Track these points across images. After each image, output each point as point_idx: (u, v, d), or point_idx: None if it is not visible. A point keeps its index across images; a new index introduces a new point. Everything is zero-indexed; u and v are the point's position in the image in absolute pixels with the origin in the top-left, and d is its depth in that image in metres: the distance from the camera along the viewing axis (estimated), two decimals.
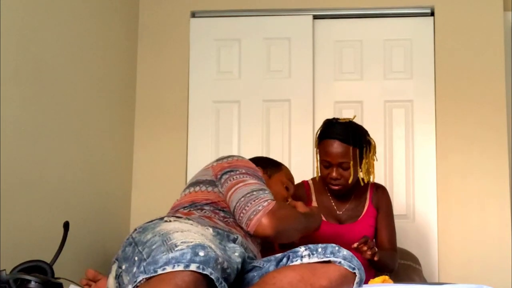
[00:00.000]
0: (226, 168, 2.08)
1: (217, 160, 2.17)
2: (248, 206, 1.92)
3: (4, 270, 1.64)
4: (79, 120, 2.76)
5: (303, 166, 3.35)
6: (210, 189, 2.06)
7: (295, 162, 3.37)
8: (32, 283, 1.61)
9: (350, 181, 2.45)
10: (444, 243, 3.28)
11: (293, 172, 3.33)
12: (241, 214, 1.93)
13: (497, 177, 3.29)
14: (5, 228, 2.10)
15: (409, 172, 3.39)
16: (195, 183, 2.11)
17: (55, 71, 2.54)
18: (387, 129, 3.44)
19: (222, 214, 2.01)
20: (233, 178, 2.03)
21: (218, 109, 3.51)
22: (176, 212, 2.01)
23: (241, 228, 1.98)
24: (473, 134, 3.34)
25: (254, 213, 1.90)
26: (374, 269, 2.49)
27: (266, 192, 1.98)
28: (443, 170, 3.34)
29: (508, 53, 3.42)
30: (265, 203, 1.92)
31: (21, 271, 1.69)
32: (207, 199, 2.04)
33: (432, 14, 3.48)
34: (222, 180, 2.05)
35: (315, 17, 3.53)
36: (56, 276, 1.76)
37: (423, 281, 2.82)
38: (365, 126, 3.37)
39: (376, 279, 2.08)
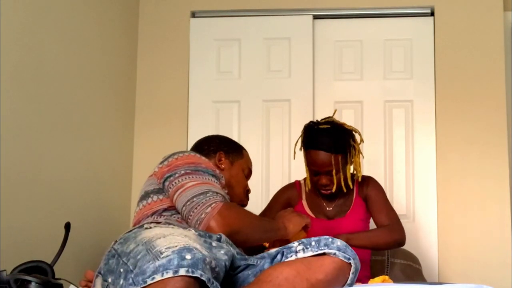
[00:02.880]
0: (165, 173, 2.00)
1: (159, 163, 2.09)
2: (191, 216, 1.87)
3: (5, 270, 1.63)
4: (79, 120, 2.76)
5: (303, 166, 3.35)
6: (161, 197, 2.00)
7: (295, 162, 3.36)
8: (33, 283, 1.61)
9: (342, 185, 2.48)
10: (444, 243, 3.28)
11: (293, 172, 3.37)
12: (188, 222, 1.89)
13: (497, 177, 3.29)
14: (5, 228, 2.10)
15: (409, 172, 3.39)
16: (145, 195, 2.05)
17: (55, 71, 2.54)
18: (387, 129, 3.44)
19: None
20: (172, 185, 1.96)
21: (218, 109, 3.51)
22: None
23: None
24: (473, 134, 3.33)
25: (198, 222, 1.85)
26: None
27: (208, 194, 1.89)
28: (443, 170, 3.34)
29: (508, 53, 3.42)
30: (208, 209, 1.85)
31: (22, 272, 1.69)
32: (164, 205, 1.99)
33: (432, 14, 3.48)
34: (165, 188, 1.99)
35: (315, 17, 3.53)
36: (56, 276, 1.76)
37: (423, 281, 2.82)
38: (365, 126, 3.42)
39: (376, 278, 2.09)
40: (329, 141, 2.44)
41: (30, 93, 2.33)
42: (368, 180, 2.64)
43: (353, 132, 2.53)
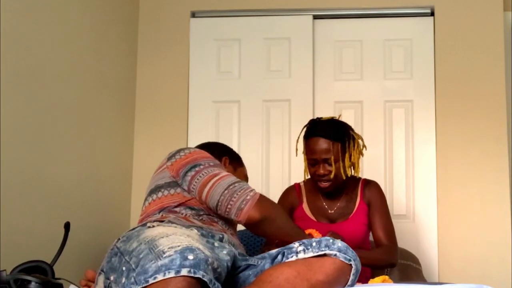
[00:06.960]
0: (187, 164, 2.03)
1: (169, 158, 2.10)
2: (235, 197, 1.94)
3: (5, 270, 1.63)
4: (79, 120, 2.76)
5: (303, 167, 3.35)
6: (172, 191, 2.02)
7: (295, 162, 3.37)
8: (33, 283, 1.61)
9: (331, 176, 2.45)
10: (444, 243, 3.28)
11: (293, 173, 3.38)
12: (229, 206, 1.94)
13: (497, 177, 3.29)
14: (5, 228, 2.10)
15: (409, 172, 3.39)
16: (155, 189, 2.06)
17: (55, 71, 2.54)
18: (387, 129, 3.44)
19: (194, 212, 1.99)
20: (203, 174, 2.00)
21: (218, 109, 3.51)
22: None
23: (218, 222, 1.98)
24: (473, 134, 3.33)
25: (244, 202, 1.93)
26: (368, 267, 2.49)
27: (244, 183, 2.01)
28: (443, 170, 3.34)
29: (508, 53, 3.42)
30: (251, 193, 1.96)
31: (22, 272, 1.69)
32: (174, 201, 2.00)
33: (432, 14, 3.48)
34: (188, 177, 2.01)
35: (315, 17, 3.53)
36: (56, 276, 1.76)
37: (423, 281, 2.82)
38: (365, 126, 3.42)
39: (376, 279, 2.08)
40: (328, 129, 2.44)
41: (30, 93, 2.33)
42: (373, 185, 2.61)
43: (356, 137, 2.52)
